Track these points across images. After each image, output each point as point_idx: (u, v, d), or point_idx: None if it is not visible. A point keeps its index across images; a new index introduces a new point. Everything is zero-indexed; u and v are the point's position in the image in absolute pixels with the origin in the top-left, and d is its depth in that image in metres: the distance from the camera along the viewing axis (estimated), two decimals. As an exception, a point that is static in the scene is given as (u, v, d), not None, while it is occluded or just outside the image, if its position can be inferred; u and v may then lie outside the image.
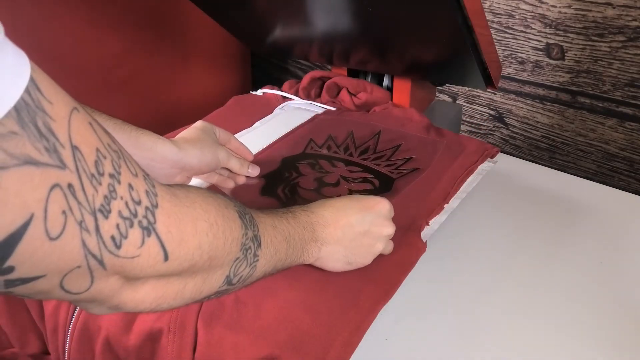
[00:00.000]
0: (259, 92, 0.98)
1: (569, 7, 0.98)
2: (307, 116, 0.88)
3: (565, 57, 1.02)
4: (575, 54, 1.01)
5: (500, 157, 0.78)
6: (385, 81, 0.93)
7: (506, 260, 0.63)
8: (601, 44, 0.97)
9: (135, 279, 0.33)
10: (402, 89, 0.90)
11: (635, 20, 0.92)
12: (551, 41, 1.03)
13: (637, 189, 1.04)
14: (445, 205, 0.66)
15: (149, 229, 0.32)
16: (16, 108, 0.24)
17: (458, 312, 0.56)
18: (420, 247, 0.60)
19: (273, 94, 0.96)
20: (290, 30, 0.90)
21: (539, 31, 1.03)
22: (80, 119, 0.28)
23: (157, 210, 0.33)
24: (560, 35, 1.01)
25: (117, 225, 0.30)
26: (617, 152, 1.04)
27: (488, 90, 1.10)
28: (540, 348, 0.52)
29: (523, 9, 1.03)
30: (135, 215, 0.31)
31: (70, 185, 0.27)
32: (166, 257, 0.33)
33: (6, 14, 0.92)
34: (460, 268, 0.62)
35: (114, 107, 0.98)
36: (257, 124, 0.87)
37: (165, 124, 0.87)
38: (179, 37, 1.16)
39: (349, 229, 0.53)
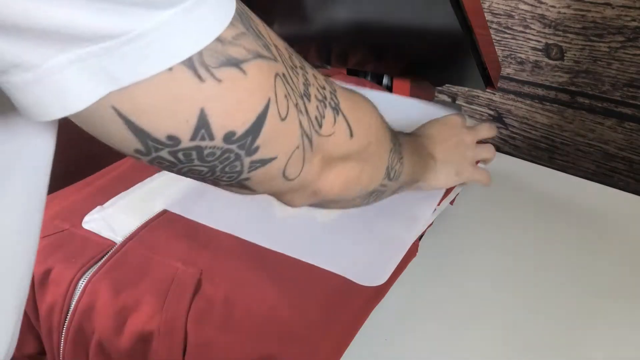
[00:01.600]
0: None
1: (568, 7, 0.97)
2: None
3: (565, 58, 1.02)
4: (575, 54, 1.01)
5: (500, 157, 0.77)
6: (385, 81, 0.92)
7: (505, 259, 0.63)
8: (600, 44, 0.97)
9: (329, 161, 0.37)
10: (402, 88, 0.89)
11: (634, 20, 0.92)
12: (550, 41, 1.02)
13: (637, 189, 1.03)
14: (436, 207, 0.66)
15: (336, 109, 0.37)
16: (238, 13, 0.28)
17: (458, 311, 0.56)
18: (411, 250, 0.60)
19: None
20: (287, 31, 0.90)
21: (538, 31, 1.03)
22: (262, 22, 0.32)
23: (336, 93, 0.38)
24: (560, 36, 1.01)
25: (317, 107, 0.34)
26: (616, 152, 1.04)
27: (487, 90, 1.10)
28: (539, 347, 0.52)
29: (522, 9, 1.03)
30: (325, 98, 0.36)
31: (284, 75, 0.31)
32: (351, 134, 0.38)
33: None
34: (460, 268, 0.62)
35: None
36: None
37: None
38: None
39: (448, 144, 0.61)
